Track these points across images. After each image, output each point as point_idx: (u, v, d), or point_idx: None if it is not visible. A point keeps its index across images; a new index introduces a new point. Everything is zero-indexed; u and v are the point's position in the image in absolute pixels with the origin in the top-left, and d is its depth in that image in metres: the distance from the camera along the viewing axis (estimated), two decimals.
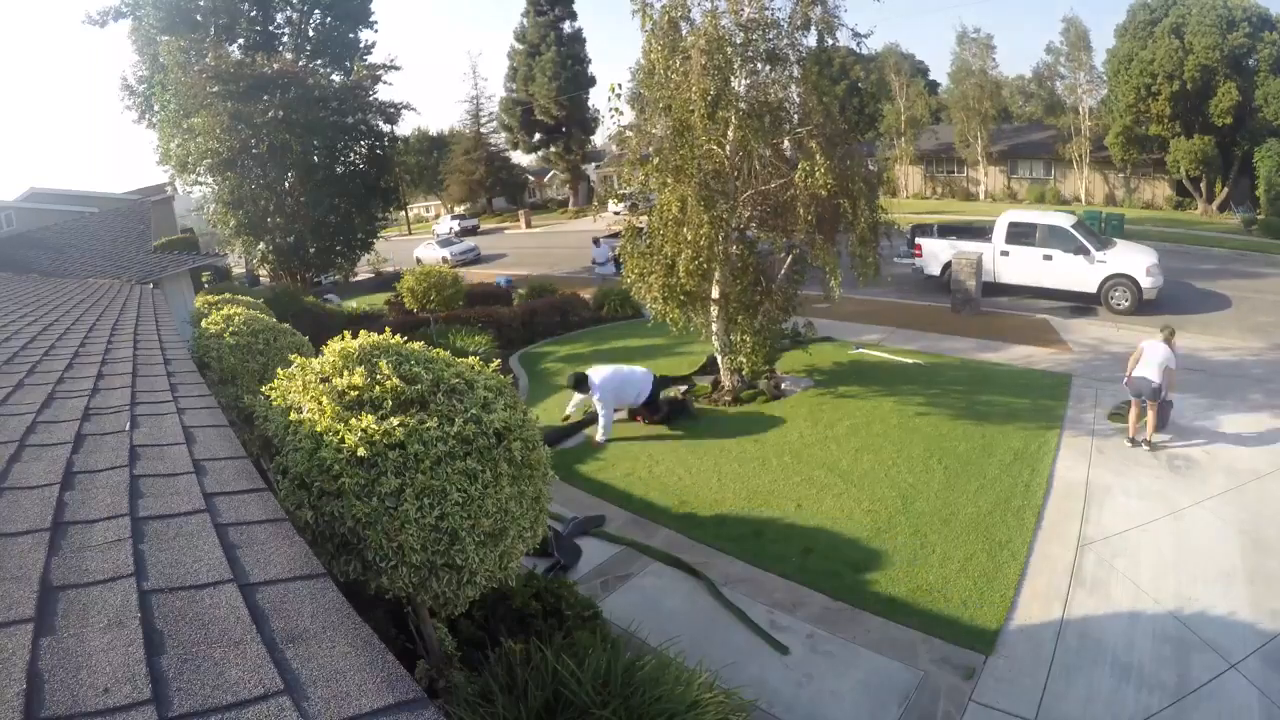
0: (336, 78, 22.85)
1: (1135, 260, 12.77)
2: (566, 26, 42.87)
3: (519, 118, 44.44)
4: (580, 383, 8.23)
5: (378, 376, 2.70)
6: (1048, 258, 13.38)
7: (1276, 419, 7.59)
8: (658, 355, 11.56)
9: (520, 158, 51.01)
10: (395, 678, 0.98)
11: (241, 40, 23.57)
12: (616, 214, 10.32)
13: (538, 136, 45.65)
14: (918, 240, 15.91)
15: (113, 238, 12.32)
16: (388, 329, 3.18)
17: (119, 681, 0.92)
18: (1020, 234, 13.84)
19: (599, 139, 47.70)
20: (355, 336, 2.99)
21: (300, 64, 22.04)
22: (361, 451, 2.40)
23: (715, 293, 8.95)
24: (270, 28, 24.86)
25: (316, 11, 25.72)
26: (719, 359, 9.53)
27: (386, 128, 22.24)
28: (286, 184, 19.75)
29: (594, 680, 3.10)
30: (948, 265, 14.40)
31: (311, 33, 25.76)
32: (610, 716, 2.93)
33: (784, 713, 4.06)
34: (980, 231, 15.12)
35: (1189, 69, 24.43)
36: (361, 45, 26.68)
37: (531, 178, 53.45)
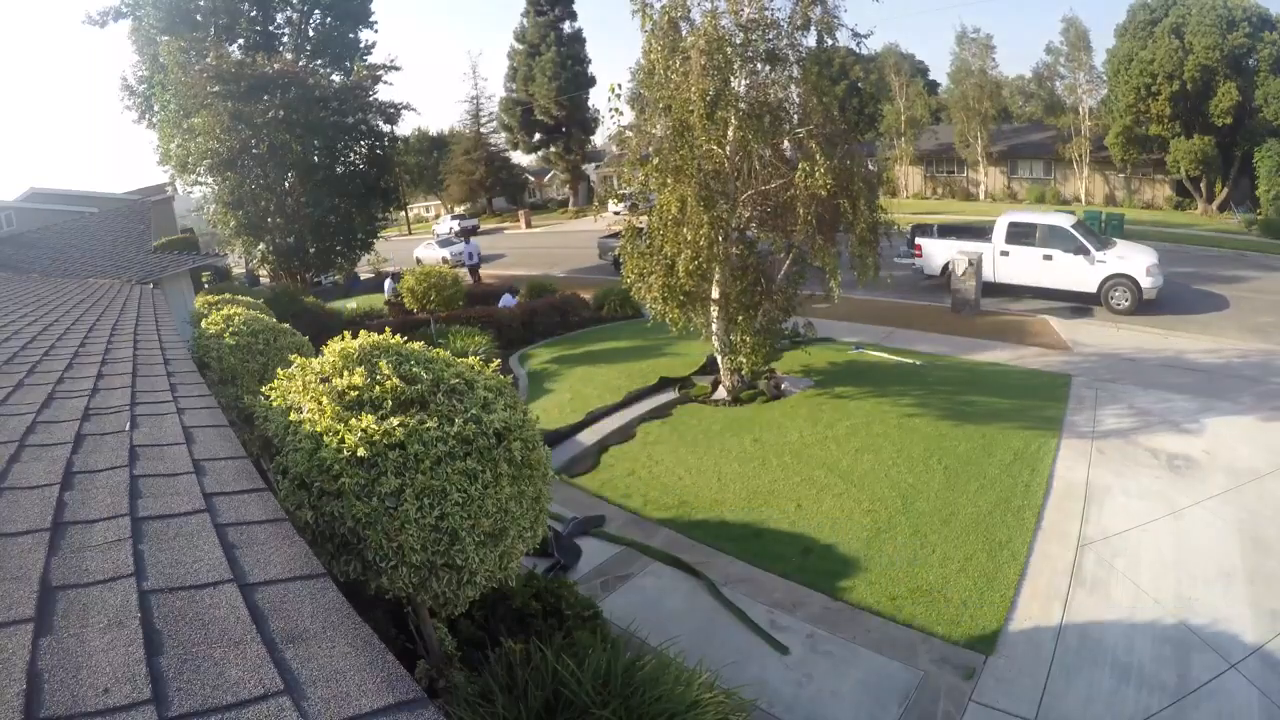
0: (336, 78, 22.85)
1: (1135, 260, 12.77)
2: (566, 27, 42.90)
3: (519, 118, 44.45)
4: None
5: (378, 377, 2.70)
6: (1048, 258, 13.38)
7: (1275, 419, 7.59)
8: (654, 355, 11.57)
9: (520, 158, 51.04)
10: (395, 678, 0.98)
11: (241, 40, 23.58)
12: (616, 214, 10.32)
13: (538, 136, 45.67)
14: (918, 240, 15.91)
15: (113, 238, 12.32)
16: (388, 329, 3.18)
17: (119, 681, 0.92)
18: (1020, 234, 13.84)
19: (599, 139, 47.78)
20: (355, 336, 2.99)
21: (300, 64, 22.04)
22: (361, 452, 2.40)
23: (715, 293, 8.95)
24: (270, 28, 24.87)
25: (316, 11, 25.73)
26: (719, 359, 9.53)
27: (386, 128, 22.23)
28: (286, 184, 19.75)
29: (594, 680, 3.10)
30: (948, 265, 14.41)
31: (311, 33, 25.77)
32: (610, 716, 2.93)
33: (784, 713, 4.06)
34: (980, 231, 15.12)
35: (1189, 69, 24.44)
36: (361, 45, 26.70)
37: (531, 178, 53.47)
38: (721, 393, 9.58)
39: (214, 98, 17.52)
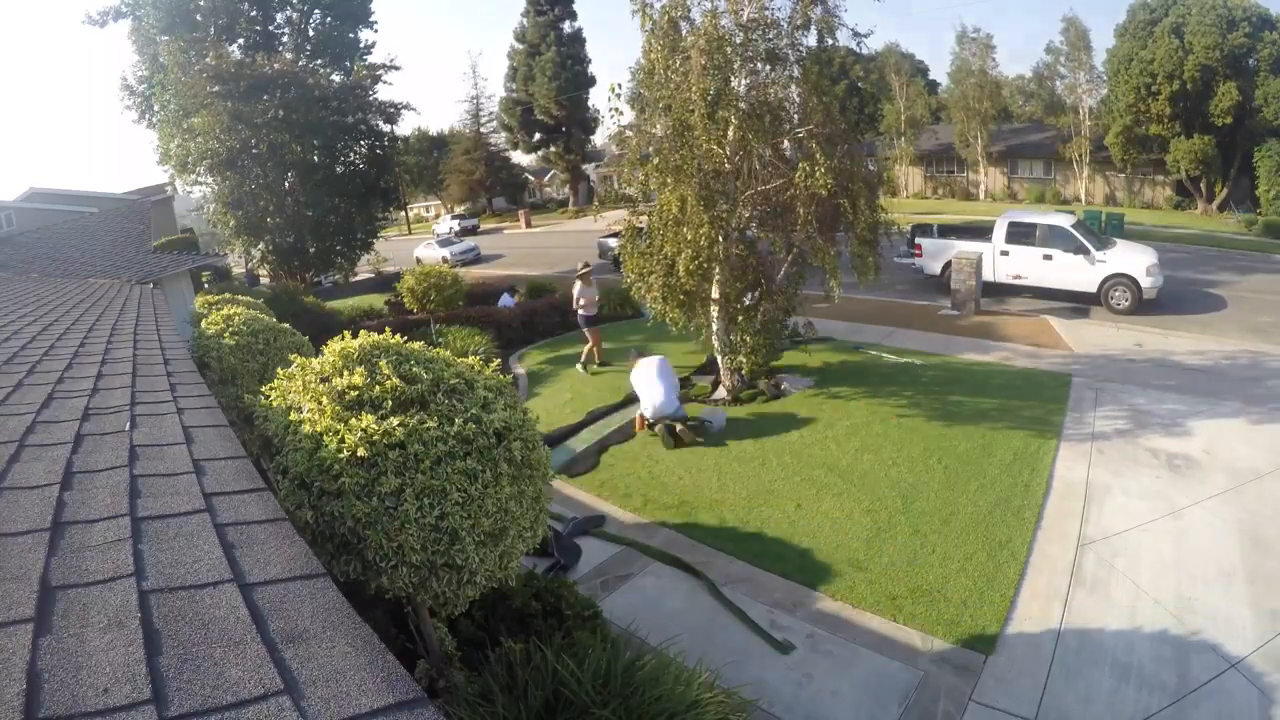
0: (336, 78, 22.85)
1: (1135, 260, 12.76)
2: (566, 26, 42.90)
3: (519, 118, 44.45)
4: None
5: (378, 376, 2.70)
6: (1048, 257, 13.38)
7: (1275, 418, 7.59)
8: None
9: (520, 158, 51.05)
10: (395, 677, 0.98)
11: (241, 40, 23.57)
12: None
13: (538, 136, 45.66)
14: (918, 240, 15.91)
15: (113, 238, 12.31)
16: (388, 329, 3.18)
17: (119, 681, 0.92)
18: (1020, 234, 13.84)
19: (599, 139, 47.83)
20: (355, 336, 2.99)
21: (300, 64, 22.03)
22: (361, 451, 2.40)
23: (715, 293, 8.95)
24: (270, 28, 24.86)
25: (316, 11, 25.71)
26: (719, 359, 9.53)
27: (386, 128, 22.24)
28: (286, 184, 19.75)
29: (594, 680, 3.10)
30: (948, 265, 14.41)
31: (311, 33, 25.75)
32: (610, 716, 2.93)
33: (784, 712, 4.06)
34: (980, 231, 15.12)
35: (1189, 69, 24.45)
36: (361, 45, 26.68)
37: (531, 178, 53.47)
38: (721, 393, 9.57)
39: (214, 98, 17.53)
